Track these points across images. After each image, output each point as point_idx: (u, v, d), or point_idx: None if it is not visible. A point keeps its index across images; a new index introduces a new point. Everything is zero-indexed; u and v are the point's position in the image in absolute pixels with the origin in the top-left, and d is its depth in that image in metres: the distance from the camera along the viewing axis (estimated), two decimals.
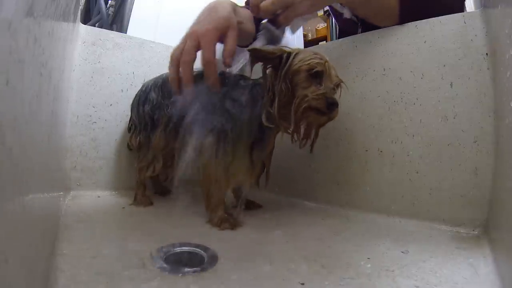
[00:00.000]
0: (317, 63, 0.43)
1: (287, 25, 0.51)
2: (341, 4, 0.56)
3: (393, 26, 0.52)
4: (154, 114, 0.55)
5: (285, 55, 0.44)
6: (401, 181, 0.50)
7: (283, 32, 0.51)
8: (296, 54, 0.44)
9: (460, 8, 0.58)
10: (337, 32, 0.85)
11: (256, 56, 0.45)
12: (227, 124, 0.47)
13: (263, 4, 0.48)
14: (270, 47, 0.46)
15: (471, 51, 0.45)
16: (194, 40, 0.45)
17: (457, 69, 0.46)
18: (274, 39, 0.51)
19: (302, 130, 0.47)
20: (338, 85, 0.46)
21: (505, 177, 0.34)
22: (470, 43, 0.45)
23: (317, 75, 0.43)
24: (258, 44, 0.50)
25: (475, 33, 0.45)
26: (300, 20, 0.52)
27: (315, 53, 0.44)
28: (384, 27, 0.54)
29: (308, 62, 0.43)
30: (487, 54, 0.43)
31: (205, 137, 0.47)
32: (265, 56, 0.45)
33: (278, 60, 0.44)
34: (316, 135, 0.48)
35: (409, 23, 0.51)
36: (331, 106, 0.42)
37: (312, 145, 0.49)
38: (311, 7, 0.49)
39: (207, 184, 0.48)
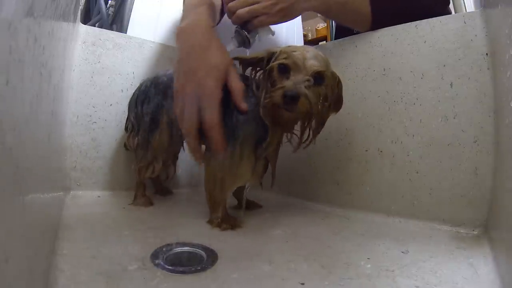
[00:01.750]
0: (286, 57, 0.41)
1: (257, 30, 0.53)
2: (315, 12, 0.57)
3: (393, 26, 0.52)
4: (154, 114, 0.54)
5: (266, 57, 0.44)
6: (401, 181, 0.50)
7: (254, 36, 0.53)
8: (280, 52, 0.43)
9: (443, 10, 0.58)
10: (335, 30, 0.85)
11: (243, 63, 0.46)
12: (232, 123, 0.46)
13: (239, 11, 0.51)
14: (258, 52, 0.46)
15: (471, 51, 0.45)
16: (194, 102, 0.41)
17: (457, 69, 0.46)
18: (246, 42, 0.53)
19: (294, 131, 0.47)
20: (319, 74, 0.41)
21: (505, 177, 0.34)
22: (470, 43, 0.45)
23: (285, 70, 0.41)
24: (230, 47, 0.52)
25: (475, 33, 0.45)
26: (268, 30, 0.54)
27: (294, 47, 0.42)
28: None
29: (279, 58, 0.42)
30: (487, 54, 0.43)
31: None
32: (250, 62, 0.46)
33: (261, 62, 0.45)
34: (302, 134, 0.46)
35: (409, 23, 0.51)
36: (290, 100, 0.38)
37: (298, 144, 0.46)
38: (283, 17, 0.52)
39: (211, 184, 0.47)
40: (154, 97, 0.55)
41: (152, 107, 0.54)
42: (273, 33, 0.55)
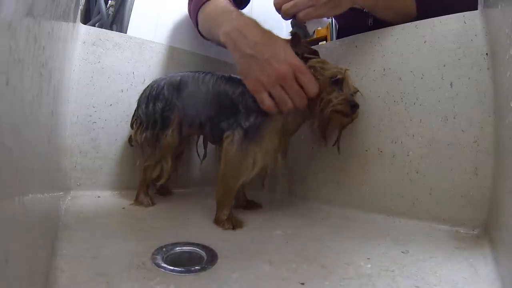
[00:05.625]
0: (338, 71, 0.47)
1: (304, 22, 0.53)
2: (362, 8, 0.57)
3: (393, 26, 0.52)
4: (166, 113, 0.54)
5: (307, 52, 0.48)
6: (401, 181, 0.50)
7: (313, 26, 0.54)
8: (323, 59, 0.49)
9: (474, 5, 0.58)
10: (337, 30, 0.84)
11: (295, 41, 0.48)
12: (255, 118, 0.48)
13: (284, 6, 0.51)
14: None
15: (471, 51, 0.45)
16: (293, 79, 0.45)
17: (457, 69, 0.46)
18: (306, 34, 0.54)
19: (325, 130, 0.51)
20: (354, 94, 0.49)
21: (505, 177, 0.34)
22: (470, 43, 0.45)
23: (338, 82, 0.47)
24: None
25: (475, 33, 0.45)
26: (317, 22, 0.54)
27: (336, 65, 0.48)
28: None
29: (331, 69, 0.47)
30: (487, 54, 0.43)
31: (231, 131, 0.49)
32: (301, 45, 0.48)
33: (306, 53, 0.48)
34: (340, 135, 0.51)
35: (409, 23, 0.51)
36: (354, 108, 0.46)
37: (338, 145, 0.52)
38: (330, 9, 0.51)
39: (226, 172, 0.48)
40: (169, 96, 0.55)
41: (165, 105, 0.55)
42: (323, 25, 0.56)
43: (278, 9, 0.53)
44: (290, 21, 0.54)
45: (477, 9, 0.47)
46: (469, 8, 0.47)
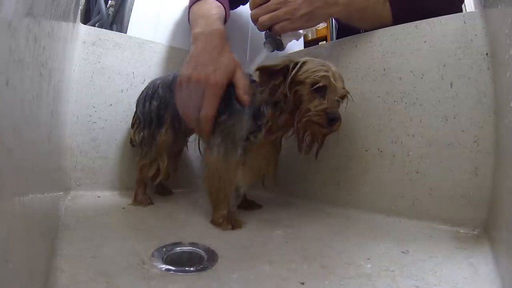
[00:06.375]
0: (322, 76, 0.43)
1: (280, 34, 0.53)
2: (336, 19, 0.57)
3: (393, 26, 0.52)
4: (160, 111, 0.55)
5: (291, 65, 0.45)
6: (401, 181, 0.50)
7: (287, 38, 0.54)
8: (303, 63, 0.45)
9: (458, 11, 0.58)
10: (337, 30, 0.85)
11: (264, 73, 0.46)
12: (235, 124, 0.47)
13: (261, 19, 0.52)
14: (277, 60, 0.47)
15: (471, 51, 0.45)
16: (198, 91, 0.46)
17: (457, 69, 0.46)
18: (279, 45, 0.54)
19: (308, 138, 0.48)
20: (344, 97, 0.46)
21: (505, 177, 0.34)
22: (470, 43, 0.45)
23: (320, 89, 0.43)
24: (265, 52, 0.53)
25: (475, 33, 0.45)
26: (292, 35, 0.54)
27: (322, 64, 0.44)
28: None
29: (313, 75, 0.43)
30: (487, 54, 0.43)
31: (214, 136, 0.48)
32: (272, 71, 0.46)
33: (285, 70, 0.45)
34: (321, 143, 0.49)
35: (409, 23, 0.51)
36: (332, 121, 0.42)
37: (317, 153, 0.49)
38: (305, 22, 0.52)
39: (211, 181, 0.48)
40: (163, 95, 0.55)
41: (159, 103, 0.55)
42: (298, 37, 0.55)
43: (255, 20, 0.54)
44: (264, 32, 0.55)
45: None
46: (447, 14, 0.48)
